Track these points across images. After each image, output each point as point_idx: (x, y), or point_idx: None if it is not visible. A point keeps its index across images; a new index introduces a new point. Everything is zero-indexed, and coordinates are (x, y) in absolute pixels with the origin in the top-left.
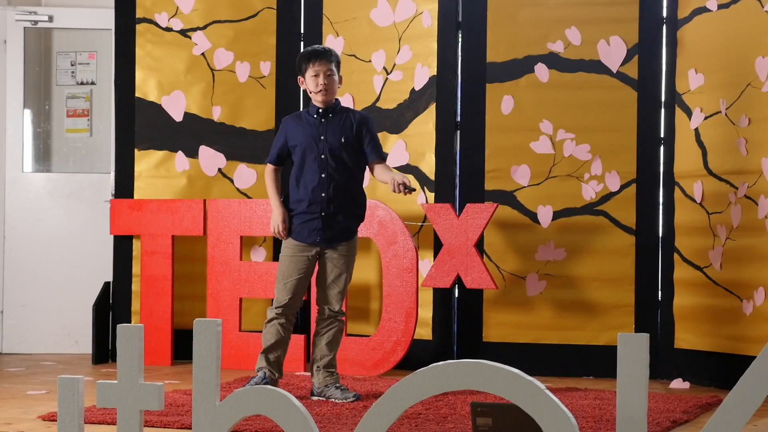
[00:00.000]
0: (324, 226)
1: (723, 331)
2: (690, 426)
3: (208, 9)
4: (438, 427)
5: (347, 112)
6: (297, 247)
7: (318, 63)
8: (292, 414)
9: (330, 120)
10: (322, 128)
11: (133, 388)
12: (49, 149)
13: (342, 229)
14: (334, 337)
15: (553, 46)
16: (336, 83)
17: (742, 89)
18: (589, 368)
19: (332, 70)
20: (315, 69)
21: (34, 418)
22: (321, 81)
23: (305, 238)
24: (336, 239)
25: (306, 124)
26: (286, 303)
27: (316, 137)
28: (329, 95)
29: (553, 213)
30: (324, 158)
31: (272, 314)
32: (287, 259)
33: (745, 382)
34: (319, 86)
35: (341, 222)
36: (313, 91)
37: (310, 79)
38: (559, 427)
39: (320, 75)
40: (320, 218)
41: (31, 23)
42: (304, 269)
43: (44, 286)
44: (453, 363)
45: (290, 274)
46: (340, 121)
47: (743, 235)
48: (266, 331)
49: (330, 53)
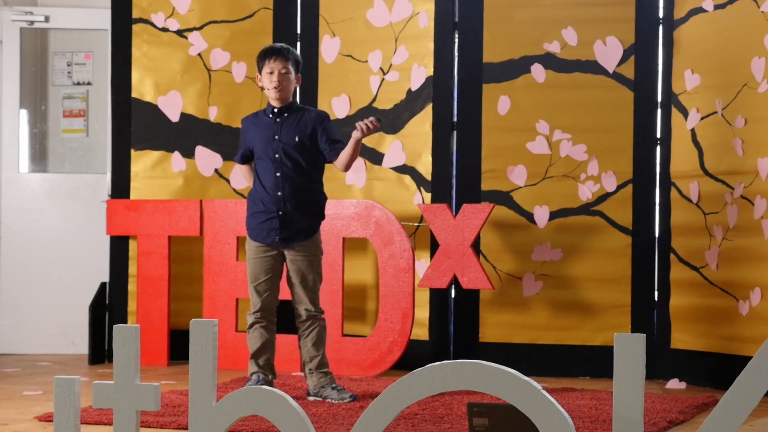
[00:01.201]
0: (281, 226)
1: (719, 332)
2: (686, 426)
3: (204, 9)
4: (434, 427)
5: (303, 111)
6: (259, 249)
7: (273, 60)
8: (289, 414)
9: (285, 119)
10: (276, 128)
11: (129, 388)
12: (46, 149)
13: (300, 229)
14: (319, 337)
15: (549, 46)
16: (292, 82)
17: (738, 90)
18: (586, 368)
19: (288, 68)
20: (270, 66)
21: (30, 418)
22: (275, 79)
23: (264, 239)
24: (294, 239)
25: (261, 124)
26: (261, 306)
27: (270, 137)
28: (283, 93)
29: (550, 213)
30: (278, 157)
31: (252, 319)
32: (251, 261)
33: (741, 382)
34: (272, 83)
35: (299, 221)
36: (267, 88)
37: (265, 76)
38: (555, 428)
39: (275, 72)
40: (278, 217)
41: (28, 23)
42: (270, 269)
43: (40, 286)
44: (449, 363)
45: (258, 276)
46: (296, 120)
47: (739, 236)
48: (250, 336)
49: (287, 51)
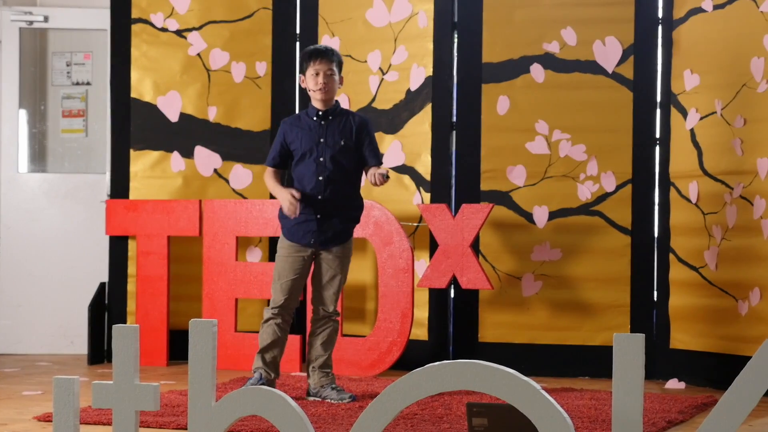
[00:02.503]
0: (319, 228)
1: (718, 332)
2: (685, 426)
3: (203, 9)
4: (434, 427)
5: (347, 115)
6: (292, 248)
7: (319, 62)
8: (288, 414)
9: (329, 123)
10: (321, 131)
11: (128, 388)
12: (45, 149)
13: (337, 232)
14: (329, 338)
15: (548, 46)
16: (336, 83)
17: (737, 90)
18: (585, 368)
19: (333, 69)
20: (315, 68)
21: (29, 418)
22: (321, 80)
23: (300, 239)
24: (330, 242)
25: (305, 127)
26: (282, 303)
27: (315, 140)
28: (328, 95)
29: (549, 213)
30: (322, 161)
31: (269, 314)
32: (282, 259)
33: (740, 382)
34: (318, 84)
35: (336, 225)
36: (312, 90)
37: (310, 77)
38: (554, 428)
39: (320, 74)
40: (316, 220)
41: (27, 23)
42: (299, 269)
43: (40, 286)
44: (449, 363)
45: (286, 274)
46: (340, 124)
47: (739, 236)
48: (263, 331)
49: (332, 53)
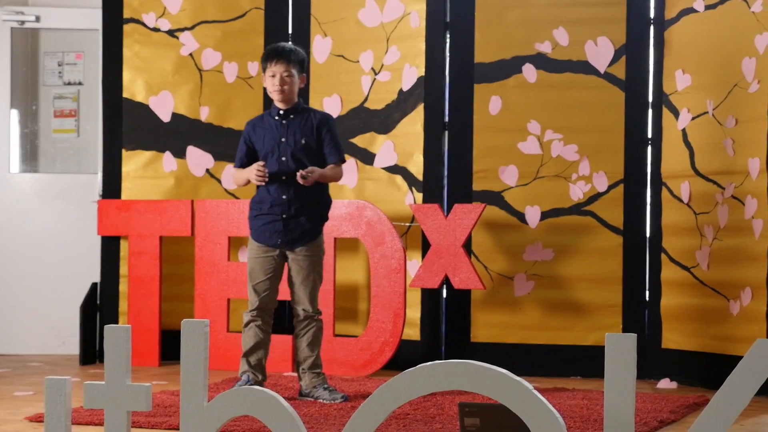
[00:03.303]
0: (285, 229)
1: (710, 331)
2: (677, 426)
3: (195, 9)
4: (426, 427)
5: (308, 113)
6: (261, 249)
7: (276, 63)
8: (280, 414)
9: (291, 121)
10: (282, 130)
11: (120, 388)
12: (36, 150)
13: (304, 231)
14: (314, 338)
15: (540, 46)
16: (295, 84)
17: (729, 90)
18: (577, 368)
19: (290, 71)
20: (273, 69)
21: (21, 419)
22: (277, 82)
23: (267, 240)
24: (298, 242)
25: (267, 126)
26: (259, 305)
27: (276, 139)
28: (286, 96)
29: (541, 213)
30: (285, 160)
31: (248, 317)
32: (253, 260)
33: (732, 381)
34: (275, 86)
35: (303, 224)
36: (270, 91)
37: (268, 79)
38: (546, 428)
39: (277, 75)
40: (281, 220)
41: (18, 23)
42: (271, 270)
43: (31, 286)
44: (441, 363)
45: (258, 276)
46: (301, 122)
47: (730, 236)
48: (245, 335)
49: (290, 53)
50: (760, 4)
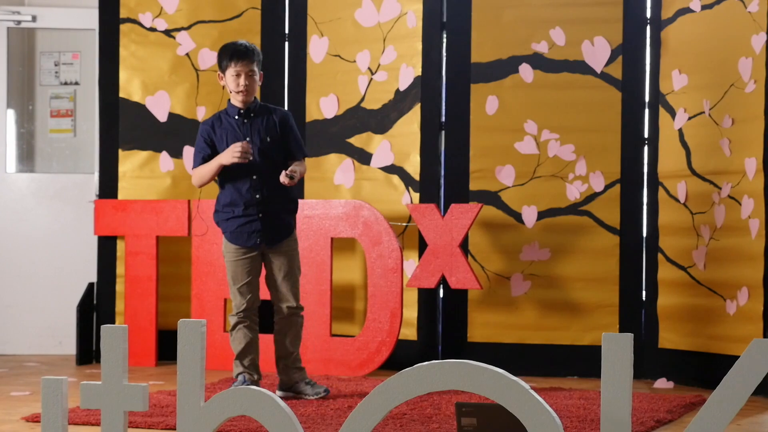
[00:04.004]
0: (264, 227)
1: (707, 331)
2: (674, 425)
3: (192, 9)
4: (423, 427)
5: (268, 112)
6: (239, 251)
7: (240, 63)
8: (277, 414)
9: (252, 120)
10: (245, 129)
11: (117, 388)
12: (33, 149)
13: (281, 227)
14: (297, 334)
15: (537, 46)
16: (257, 83)
17: (725, 90)
18: (574, 368)
19: (254, 70)
20: (236, 69)
21: (17, 419)
22: (242, 81)
23: (246, 242)
24: (277, 238)
25: (227, 127)
26: (245, 306)
27: (240, 139)
28: (250, 95)
29: (538, 213)
30: (252, 159)
31: (235, 320)
32: (232, 263)
33: (728, 381)
34: (240, 86)
35: (281, 219)
36: (233, 91)
37: (230, 78)
38: (543, 427)
39: (242, 75)
40: (259, 220)
41: (15, 23)
42: (251, 270)
43: (28, 286)
44: (438, 363)
45: (240, 278)
46: (263, 120)
47: (727, 235)
48: (233, 338)
49: (253, 52)
50: (756, 4)
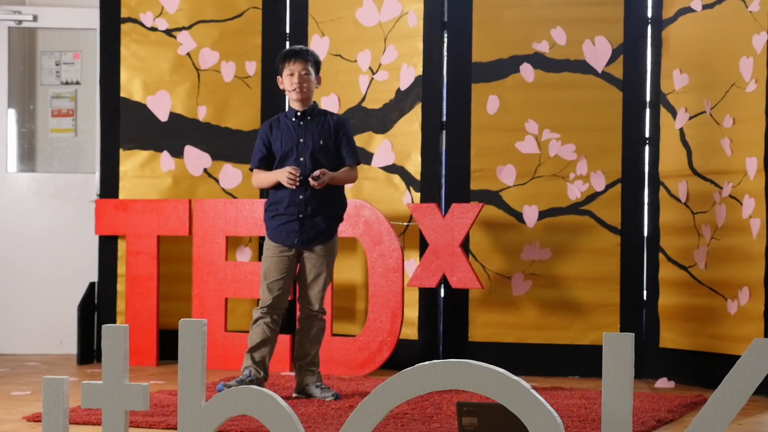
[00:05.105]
0: (301, 229)
1: (708, 331)
2: (675, 425)
3: (193, 9)
4: (424, 426)
5: (325, 115)
6: (277, 249)
7: (294, 62)
8: (278, 414)
9: (308, 123)
10: (300, 131)
11: (118, 388)
12: (34, 149)
13: (320, 231)
14: (315, 336)
15: (538, 46)
16: (312, 83)
17: (726, 89)
18: (575, 368)
19: (308, 70)
20: (291, 68)
21: (18, 418)
22: (296, 80)
23: (284, 240)
24: (314, 241)
25: (284, 128)
26: (270, 303)
27: (294, 140)
28: (304, 95)
29: (539, 213)
30: (303, 161)
31: (258, 314)
32: (268, 260)
33: (729, 381)
34: (293, 85)
35: (319, 224)
36: (288, 90)
37: (286, 78)
38: (544, 427)
39: (295, 74)
40: (298, 220)
41: (16, 23)
42: (285, 269)
43: (29, 286)
44: (439, 363)
45: (272, 274)
46: (318, 123)
47: (727, 235)
48: (252, 331)
49: (307, 53)
50: (757, 4)
